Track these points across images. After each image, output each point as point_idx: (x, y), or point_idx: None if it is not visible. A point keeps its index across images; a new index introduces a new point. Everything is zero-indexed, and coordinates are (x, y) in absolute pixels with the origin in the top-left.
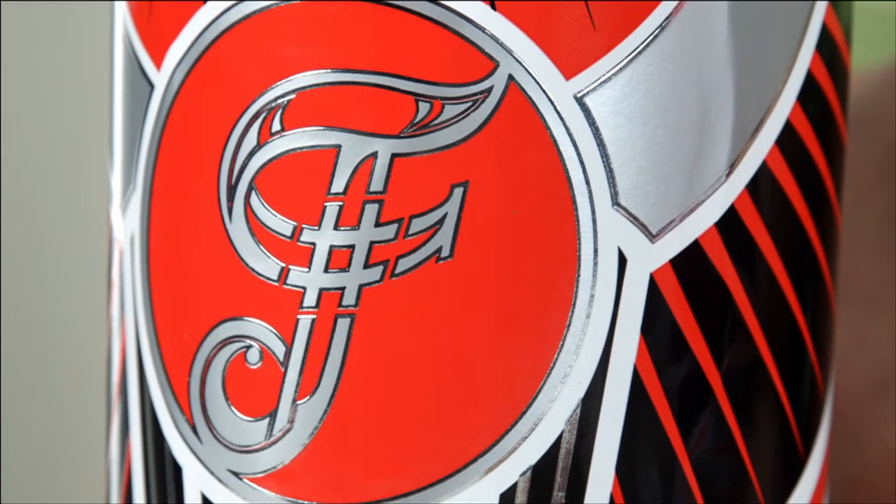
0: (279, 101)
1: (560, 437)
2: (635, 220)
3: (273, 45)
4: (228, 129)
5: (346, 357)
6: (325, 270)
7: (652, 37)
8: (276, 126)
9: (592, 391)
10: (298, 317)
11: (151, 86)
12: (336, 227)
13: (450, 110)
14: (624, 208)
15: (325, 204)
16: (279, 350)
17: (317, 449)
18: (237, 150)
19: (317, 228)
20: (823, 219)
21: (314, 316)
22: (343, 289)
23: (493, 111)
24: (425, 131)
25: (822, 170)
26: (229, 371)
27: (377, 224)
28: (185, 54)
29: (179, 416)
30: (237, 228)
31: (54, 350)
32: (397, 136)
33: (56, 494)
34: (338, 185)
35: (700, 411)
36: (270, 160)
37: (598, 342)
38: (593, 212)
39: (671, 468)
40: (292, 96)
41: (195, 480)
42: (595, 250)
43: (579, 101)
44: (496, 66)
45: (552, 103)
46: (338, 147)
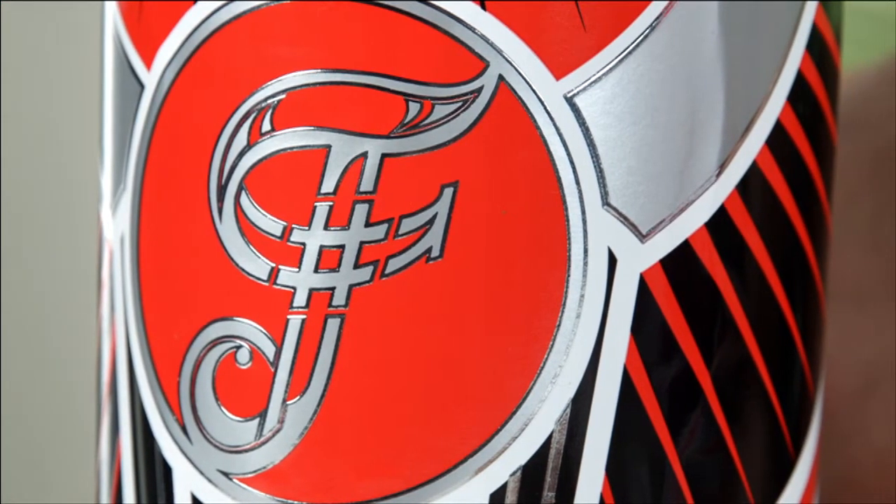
0: (269, 101)
1: (550, 437)
2: (625, 220)
3: (263, 46)
4: (218, 130)
5: (336, 357)
6: (315, 270)
7: (642, 37)
8: (267, 126)
9: (582, 391)
10: (288, 317)
11: (141, 86)
12: (326, 228)
13: (440, 110)
14: (614, 208)
15: (315, 204)
16: (269, 350)
17: (307, 449)
18: (227, 150)
19: (307, 228)
20: (813, 219)
21: (304, 316)
22: (333, 289)
23: (483, 111)
24: (415, 131)
25: (812, 170)
26: (219, 371)
27: (367, 224)
28: (175, 54)
29: (169, 417)
30: (227, 228)
31: (45, 350)
32: (387, 137)
33: (46, 494)
34: (328, 186)
35: (690, 411)
36: (260, 160)
37: (588, 342)
38: (583, 212)
39: (661, 468)
40: (282, 96)
41: (185, 481)
42: (585, 250)
43: (569, 101)
44: (486, 66)
45: (542, 103)
46: (328, 147)
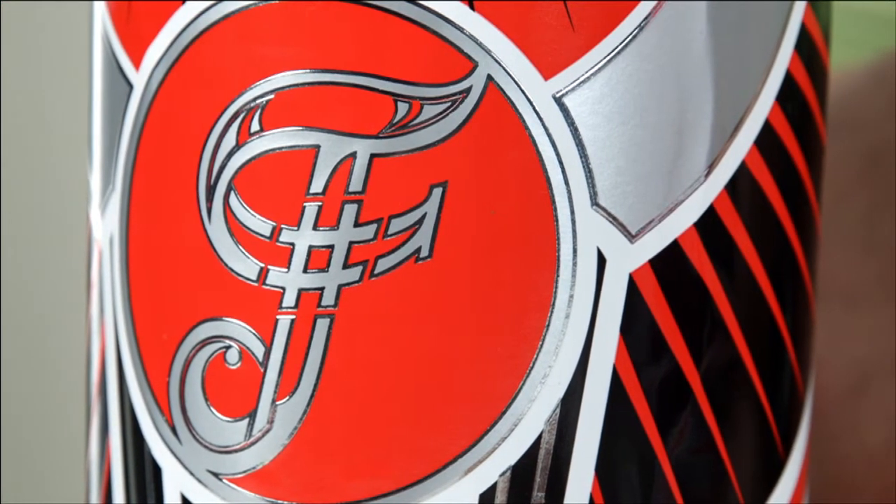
0: (258, 101)
1: (540, 437)
2: (614, 220)
3: (252, 46)
4: (207, 130)
5: (326, 357)
6: (305, 271)
7: (631, 37)
8: (255, 126)
9: (572, 391)
10: (278, 317)
11: (130, 86)
12: (315, 228)
13: (429, 110)
14: (603, 208)
15: (305, 204)
16: (258, 350)
17: (296, 449)
18: (216, 150)
19: (296, 229)
20: (803, 219)
21: (293, 316)
22: (322, 289)
23: (472, 111)
24: (404, 131)
25: (801, 170)
26: (209, 371)
27: (356, 224)
28: (164, 54)
29: (159, 417)
30: (216, 229)
31: (34, 350)
32: (376, 137)
33: (35, 494)
34: (317, 186)
35: (679, 411)
36: (249, 160)
37: (578, 342)
38: (572, 212)
39: (651, 468)
40: (271, 96)
41: (175, 481)
42: (574, 250)
43: (558, 101)
44: (475, 66)
45: (531, 103)
46: (317, 147)
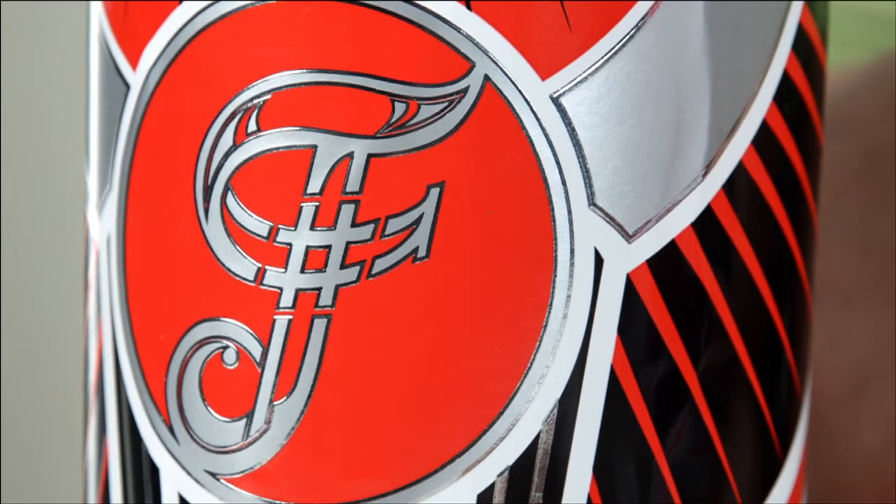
0: (255, 101)
1: (537, 437)
2: (612, 220)
3: (249, 46)
4: (204, 130)
5: (323, 358)
6: (302, 271)
7: (628, 37)
8: (252, 126)
9: (569, 391)
10: (275, 317)
11: (127, 86)
12: (312, 228)
13: (426, 111)
14: (600, 209)
15: (302, 204)
16: (256, 350)
17: (294, 449)
18: (213, 150)
19: (293, 229)
20: (800, 219)
21: (290, 316)
22: (319, 289)
23: (469, 112)
24: (401, 132)
25: (798, 170)
26: (206, 372)
27: (353, 224)
28: (161, 55)
29: (156, 417)
30: (213, 229)
31: (31, 350)
32: (373, 137)
33: (33, 494)
34: (314, 186)
35: (677, 411)
36: (246, 160)
37: (575, 342)
38: (570, 212)
39: (648, 468)
40: (268, 96)
41: (172, 481)
42: (571, 251)
43: (555, 101)
44: (472, 66)
45: (528, 104)
46: (314, 147)
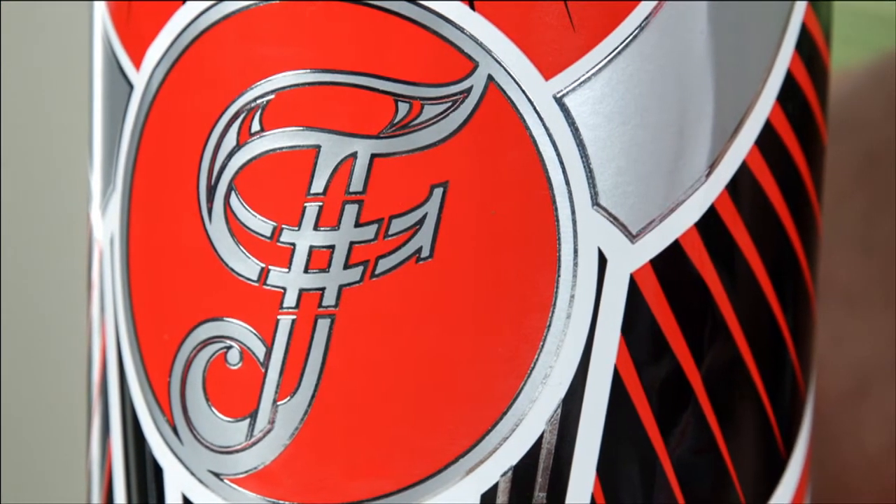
0: (258, 101)
1: (541, 437)
2: (615, 220)
3: (252, 46)
4: (208, 130)
5: (327, 358)
6: (305, 271)
7: (631, 37)
8: (256, 126)
9: (573, 391)
10: (278, 317)
11: (131, 86)
12: (316, 228)
13: (429, 110)
14: (604, 209)
15: (305, 204)
16: (259, 351)
17: (297, 449)
18: (216, 150)
19: (296, 229)
20: (804, 219)
21: (294, 316)
22: (323, 289)
23: (473, 111)
24: (405, 132)
25: (802, 170)
26: (210, 372)
27: (357, 224)
28: (165, 54)
29: (160, 417)
30: (217, 229)
31: (34, 351)
32: (377, 137)
33: (36, 494)
34: (317, 186)
35: (681, 411)
36: (250, 160)
37: (579, 342)
38: (573, 212)
39: (652, 468)
40: (271, 96)
41: (176, 481)
42: (575, 251)
43: (559, 101)
44: (475, 66)
45: (532, 104)
46: (317, 147)
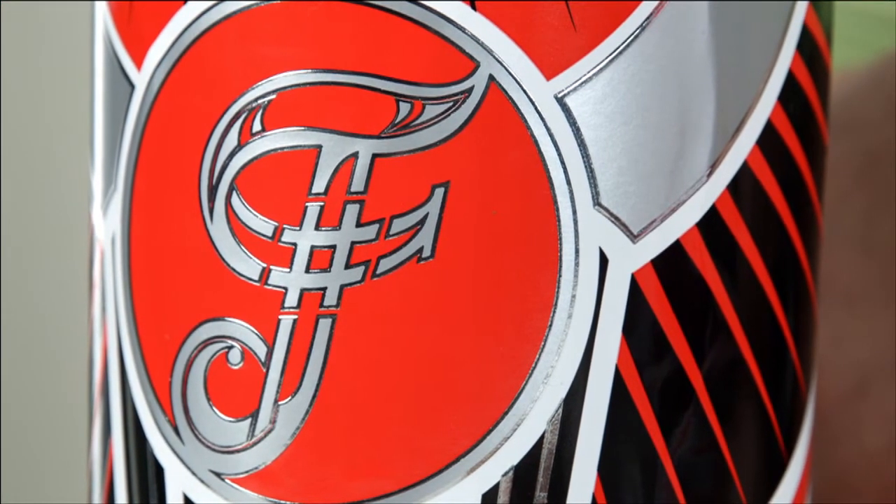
0: (260, 101)
1: (542, 437)
2: (616, 220)
3: (253, 46)
4: (209, 130)
5: (328, 357)
6: (307, 271)
7: (633, 37)
8: (257, 126)
9: (574, 391)
10: (280, 317)
11: (132, 86)
12: (317, 228)
13: (430, 110)
14: (605, 209)
15: (307, 204)
16: (261, 350)
17: (299, 449)
18: (218, 150)
19: (298, 229)
20: (805, 219)
21: (295, 316)
22: (324, 289)
23: (474, 111)
24: (406, 131)
25: (803, 170)
26: (211, 371)
27: (358, 224)
28: (166, 55)
29: (161, 417)
30: (218, 229)
31: (36, 350)
32: (378, 137)
33: (38, 494)
34: (319, 186)
35: (682, 411)
36: (251, 160)
37: (580, 342)
38: (574, 212)
39: (653, 468)
40: (273, 96)
41: (177, 481)
42: (576, 251)
43: (560, 101)
44: (477, 66)
45: (533, 103)
46: (318, 147)
